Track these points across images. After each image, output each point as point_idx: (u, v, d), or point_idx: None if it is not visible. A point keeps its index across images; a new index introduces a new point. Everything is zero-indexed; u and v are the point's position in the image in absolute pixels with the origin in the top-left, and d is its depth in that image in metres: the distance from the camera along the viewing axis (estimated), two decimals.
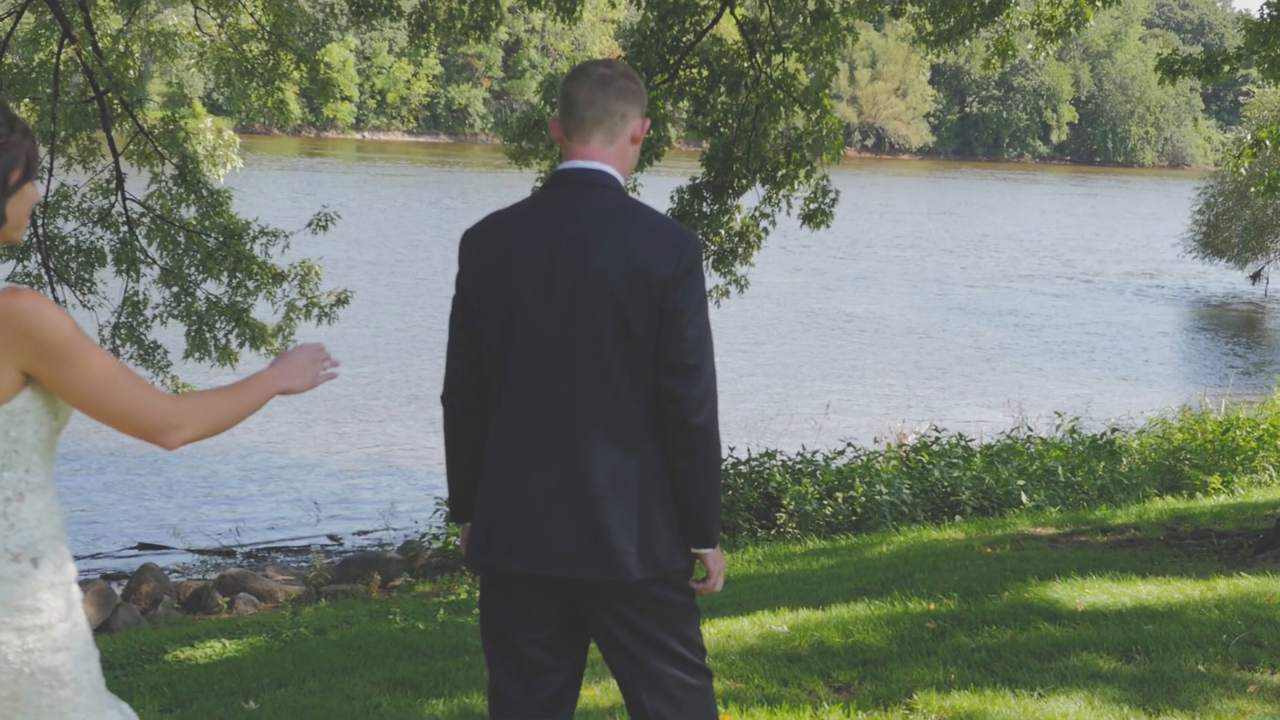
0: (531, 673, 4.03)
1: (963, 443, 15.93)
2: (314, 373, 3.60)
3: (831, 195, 14.89)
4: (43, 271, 14.55)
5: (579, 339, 3.78)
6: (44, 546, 3.17)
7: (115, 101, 13.81)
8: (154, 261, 15.15)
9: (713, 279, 14.83)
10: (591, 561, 3.83)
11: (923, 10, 14.70)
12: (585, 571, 3.84)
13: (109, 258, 14.99)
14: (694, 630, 4.04)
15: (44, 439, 3.17)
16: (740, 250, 14.98)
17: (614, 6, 17.36)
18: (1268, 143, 13.23)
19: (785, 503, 13.77)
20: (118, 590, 13.98)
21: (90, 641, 3.31)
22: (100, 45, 14.18)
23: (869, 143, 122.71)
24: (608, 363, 3.78)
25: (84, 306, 15.01)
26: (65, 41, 13.50)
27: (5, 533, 3.12)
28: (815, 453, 15.79)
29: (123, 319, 15.32)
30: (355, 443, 21.11)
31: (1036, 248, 55.10)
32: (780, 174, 14.62)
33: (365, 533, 16.93)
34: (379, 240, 42.81)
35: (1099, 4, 14.23)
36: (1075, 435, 16.50)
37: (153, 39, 16.13)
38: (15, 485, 3.14)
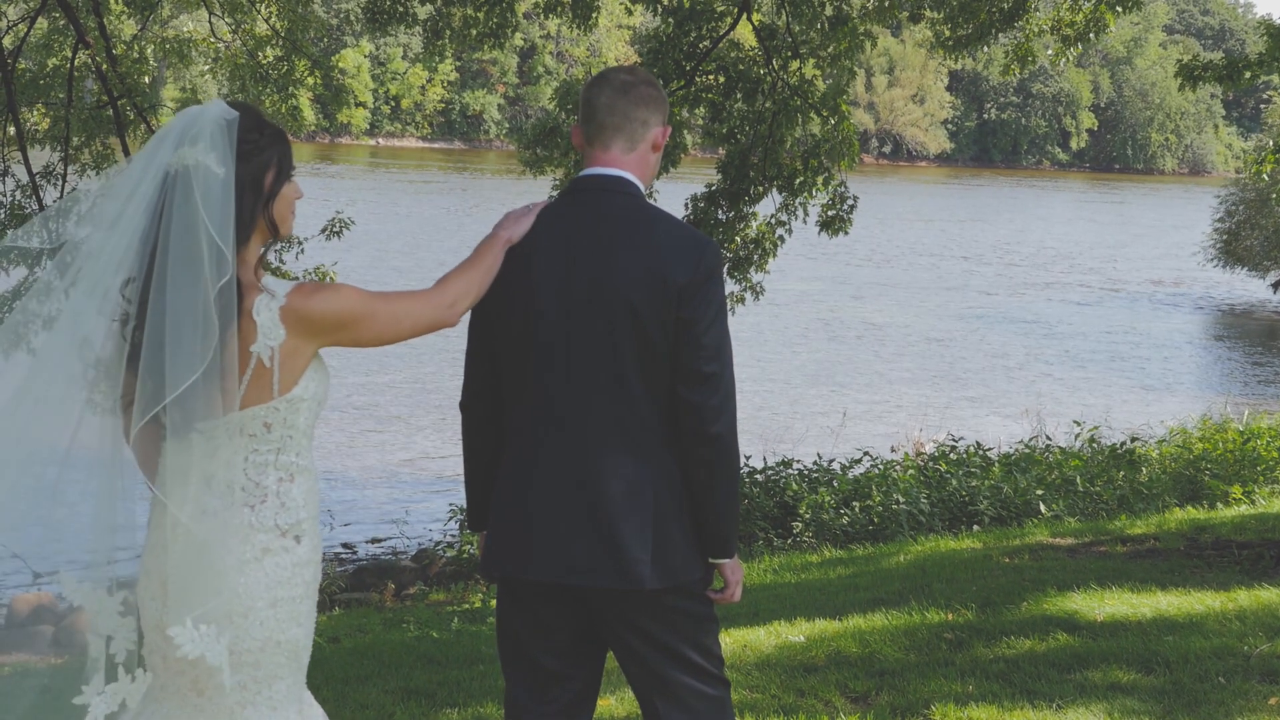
0: (547, 682, 4.02)
1: (981, 452, 15.85)
2: (523, 216, 3.91)
3: (850, 202, 14.82)
4: (53, 278, 14.49)
5: (595, 346, 3.77)
6: (307, 525, 3.51)
7: (129, 107, 13.78)
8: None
9: (728, 286, 14.76)
10: (605, 570, 3.81)
11: (941, 16, 14.63)
12: (598, 580, 3.82)
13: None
14: (712, 640, 4.01)
15: (310, 425, 3.51)
16: (756, 258, 14.91)
17: (630, 14, 17.32)
18: None
19: (802, 512, 13.71)
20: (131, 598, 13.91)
21: (314, 622, 3.61)
22: (114, 51, 14.16)
23: (886, 149, 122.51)
24: (624, 370, 3.77)
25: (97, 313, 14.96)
26: (79, 47, 13.48)
27: (277, 510, 3.44)
28: (832, 461, 15.73)
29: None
30: (369, 450, 21.09)
31: (1055, 255, 54.98)
32: (798, 181, 14.55)
33: (379, 541, 16.88)
34: (394, 246, 42.86)
35: (1119, 10, 14.15)
36: (1094, 444, 16.41)
37: (167, 45, 16.12)
38: (288, 467, 3.47)
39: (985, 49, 15.04)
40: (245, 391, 3.37)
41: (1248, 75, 12.33)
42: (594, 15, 14.58)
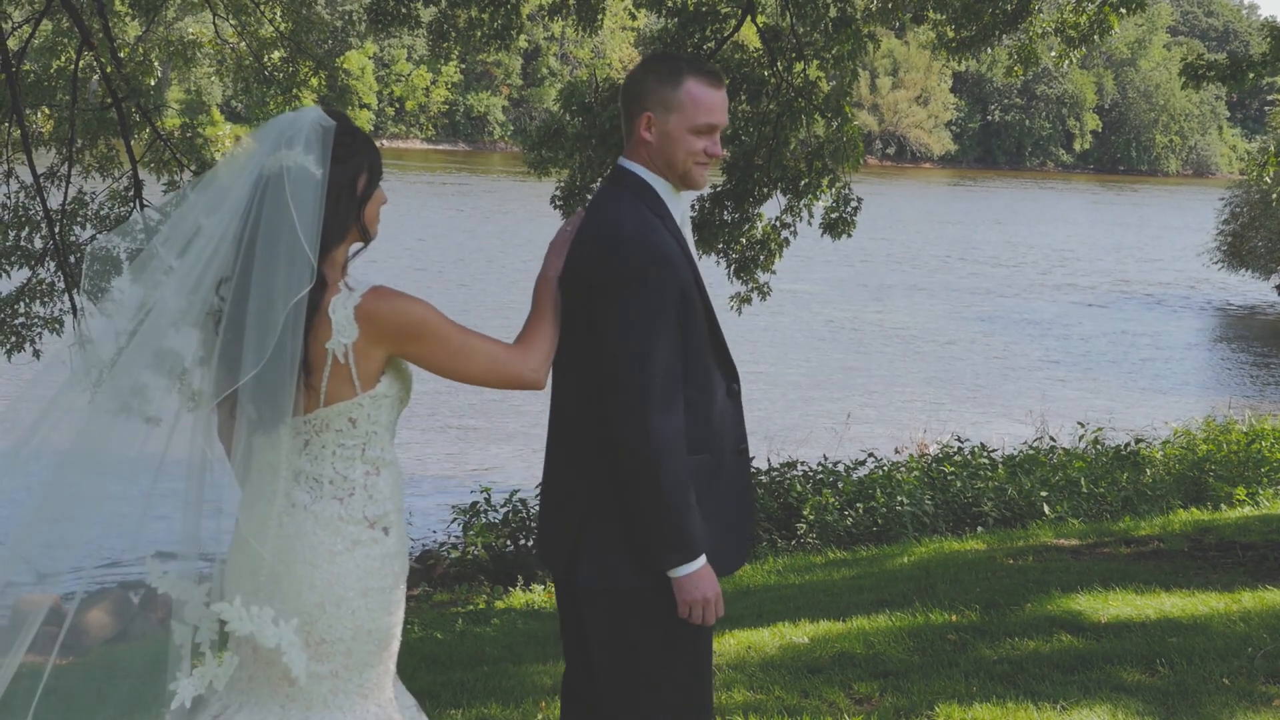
0: (574, 676, 4.07)
1: (985, 453, 15.83)
2: (561, 247, 3.90)
3: (853, 204, 14.79)
4: (56, 279, 14.47)
5: (563, 346, 3.84)
6: (394, 518, 3.62)
7: (133, 109, 13.77)
8: (171, 269, 15.05)
9: (734, 286, 14.80)
10: (556, 562, 3.92)
11: (945, 17, 14.60)
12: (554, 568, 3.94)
13: (125, 265, 14.88)
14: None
15: (393, 421, 3.63)
16: (761, 259, 14.89)
17: (634, 18, 17.27)
18: None
19: (806, 513, 13.69)
20: (135, 600, 13.93)
21: (403, 611, 3.69)
22: (119, 53, 14.15)
23: (890, 151, 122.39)
24: (566, 370, 3.84)
25: (102, 315, 14.90)
26: (84, 49, 13.48)
27: (365, 503, 3.55)
28: (836, 463, 15.71)
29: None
30: None
31: (1060, 258, 54.92)
32: (803, 183, 14.53)
33: None
34: (399, 248, 42.83)
35: (1123, 11, 14.13)
36: (1099, 446, 16.39)
37: (171, 47, 16.10)
38: (374, 461, 3.58)
39: (989, 50, 15.01)
40: (328, 388, 3.48)
41: (1251, 76, 12.32)
42: (599, 17, 14.58)
